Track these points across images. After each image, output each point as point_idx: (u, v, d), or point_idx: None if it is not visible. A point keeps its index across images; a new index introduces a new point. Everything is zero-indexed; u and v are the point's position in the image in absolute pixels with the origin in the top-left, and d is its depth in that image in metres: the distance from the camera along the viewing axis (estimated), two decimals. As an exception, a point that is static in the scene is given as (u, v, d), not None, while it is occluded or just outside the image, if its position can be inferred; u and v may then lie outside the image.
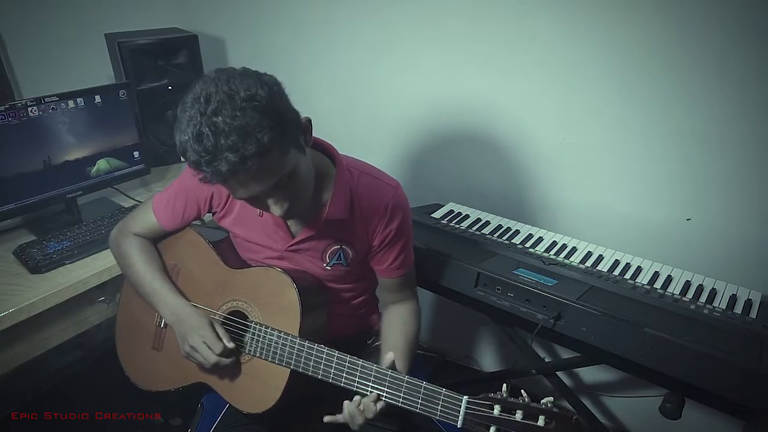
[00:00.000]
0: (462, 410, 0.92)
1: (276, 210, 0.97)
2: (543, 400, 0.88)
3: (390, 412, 1.02)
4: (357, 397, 1.02)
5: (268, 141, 0.85)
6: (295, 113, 0.94)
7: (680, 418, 1.17)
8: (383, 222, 1.13)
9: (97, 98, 1.62)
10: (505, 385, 0.92)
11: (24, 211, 1.55)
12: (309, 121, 0.99)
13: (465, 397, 0.93)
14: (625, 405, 1.88)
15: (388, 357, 1.04)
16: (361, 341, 1.33)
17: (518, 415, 0.88)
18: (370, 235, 1.15)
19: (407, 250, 1.21)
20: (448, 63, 1.72)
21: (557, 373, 1.61)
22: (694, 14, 1.33)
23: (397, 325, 1.21)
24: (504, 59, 1.62)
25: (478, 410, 0.91)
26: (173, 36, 1.94)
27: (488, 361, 2.15)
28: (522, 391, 0.91)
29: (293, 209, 0.99)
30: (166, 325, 1.23)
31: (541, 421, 0.86)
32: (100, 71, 1.97)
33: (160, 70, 1.91)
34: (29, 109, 1.48)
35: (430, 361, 2.19)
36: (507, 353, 2.06)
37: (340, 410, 1.03)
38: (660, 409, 1.19)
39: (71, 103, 1.56)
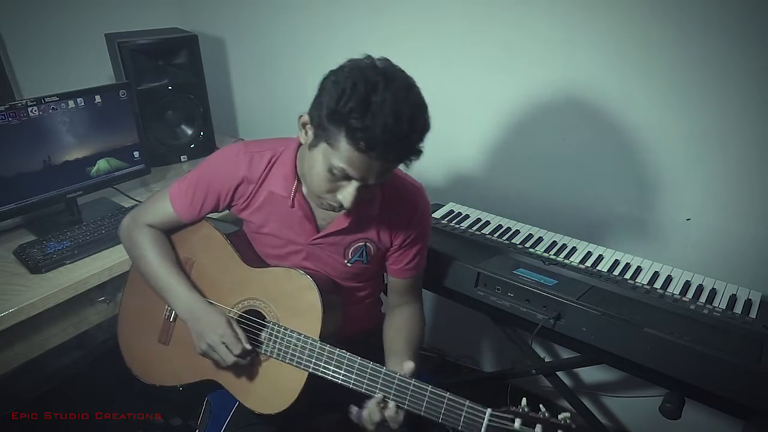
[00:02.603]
0: (485, 423, 0.93)
1: (350, 202, 0.99)
2: (560, 416, 0.89)
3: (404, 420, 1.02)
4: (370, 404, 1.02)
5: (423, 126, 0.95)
6: None
7: (680, 418, 1.17)
8: (412, 223, 1.16)
9: (97, 98, 1.62)
10: (524, 399, 0.93)
11: (24, 211, 1.55)
12: None
13: (488, 409, 0.93)
14: (625, 405, 1.88)
15: (408, 366, 1.02)
16: (367, 340, 1.33)
17: (538, 429, 0.89)
18: (393, 234, 1.16)
19: (423, 252, 1.22)
20: (447, 63, 1.72)
21: (557, 373, 1.61)
22: (694, 14, 1.33)
23: (403, 329, 1.21)
24: (504, 59, 1.62)
25: (500, 423, 0.92)
26: (173, 36, 1.94)
27: (488, 361, 2.15)
28: (540, 406, 0.92)
29: (358, 208, 1.04)
30: (175, 318, 1.22)
31: None
32: (100, 71, 1.97)
33: (160, 70, 1.91)
34: (29, 109, 1.48)
35: (430, 361, 2.19)
36: (507, 353, 2.06)
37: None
38: (660, 409, 1.19)
39: (71, 103, 1.56)
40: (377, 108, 0.88)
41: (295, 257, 1.18)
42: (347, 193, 0.97)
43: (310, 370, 1.07)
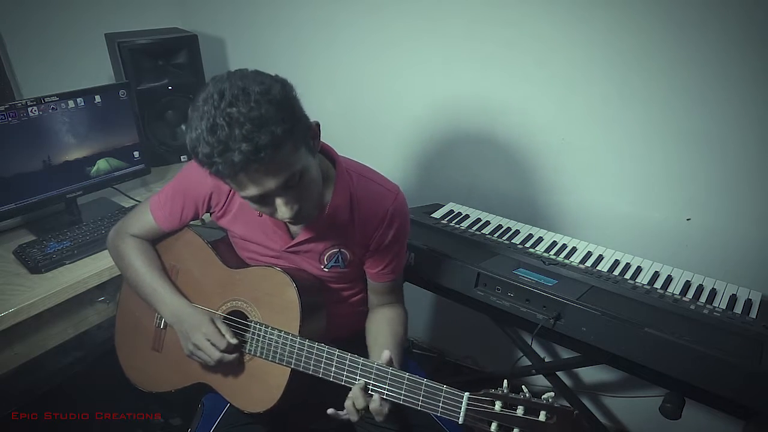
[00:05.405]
0: (463, 407, 0.93)
1: (285, 212, 0.95)
2: (544, 396, 0.88)
3: (390, 410, 1.02)
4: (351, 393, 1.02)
5: (282, 133, 0.85)
6: (306, 116, 0.95)
7: (680, 418, 1.17)
8: (382, 227, 1.14)
9: (97, 98, 1.62)
10: (506, 381, 0.92)
11: (24, 211, 1.55)
12: (318, 125, 0.99)
13: (466, 393, 0.93)
14: (625, 405, 1.88)
15: (386, 354, 1.03)
16: (362, 340, 1.33)
17: (519, 411, 0.88)
18: (368, 239, 1.15)
19: (399, 257, 1.21)
20: (448, 63, 1.72)
21: (557, 373, 1.61)
22: (694, 14, 1.33)
23: (384, 325, 1.21)
24: (504, 59, 1.62)
25: (479, 406, 0.91)
26: (173, 36, 1.94)
27: (488, 361, 2.15)
28: (523, 387, 0.91)
29: (302, 213, 0.98)
30: (165, 325, 1.24)
31: (542, 416, 0.86)
32: (100, 71, 1.97)
33: (160, 70, 1.91)
34: (29, 109, 1.48)
35: (430, 361, 2.19)
36: (507, 353, 2.06)
37: (342, 409, 1.04)
38: (660, 409, 1.19)
39: (71, 103, 1.56)
40: (194, 123, 0.86)
41: (274, 262, 1.18)
42: (279, 210, 0.95)
43: (292, 365, 1.07)
